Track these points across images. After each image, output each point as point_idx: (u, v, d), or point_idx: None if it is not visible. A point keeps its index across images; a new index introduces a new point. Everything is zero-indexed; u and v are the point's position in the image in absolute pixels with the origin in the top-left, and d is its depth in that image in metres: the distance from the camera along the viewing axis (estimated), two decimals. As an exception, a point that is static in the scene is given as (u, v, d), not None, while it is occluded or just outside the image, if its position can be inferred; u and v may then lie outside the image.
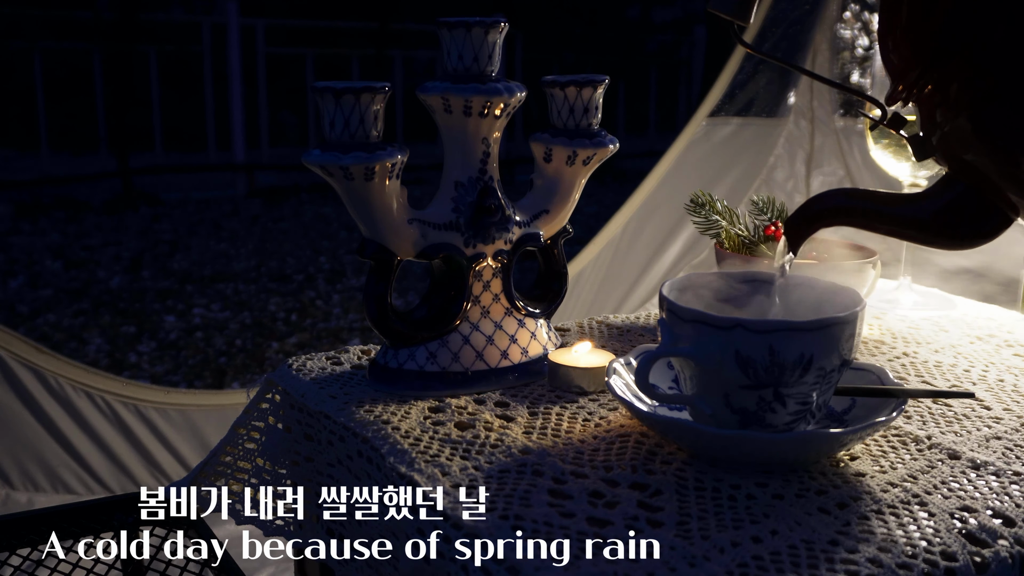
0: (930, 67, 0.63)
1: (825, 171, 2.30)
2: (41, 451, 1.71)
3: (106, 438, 1.74)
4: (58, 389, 1.71)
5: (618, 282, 2.25)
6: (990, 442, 0.63)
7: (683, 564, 0.48)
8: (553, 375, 0.73)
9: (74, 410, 1.72)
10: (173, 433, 1.78)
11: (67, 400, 1.71)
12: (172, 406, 1.78)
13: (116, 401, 1.75)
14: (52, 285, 4.09)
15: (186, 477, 0.83)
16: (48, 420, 1.70)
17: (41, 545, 0.87)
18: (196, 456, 1.80)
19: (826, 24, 2.25)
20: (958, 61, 0.61)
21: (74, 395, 1.72)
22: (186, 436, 1.79)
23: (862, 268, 0.85)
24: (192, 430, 1.80)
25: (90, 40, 7.23)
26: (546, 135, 0.75)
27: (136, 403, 1.76)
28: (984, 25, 0.61)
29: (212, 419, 1.81)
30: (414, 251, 0.70)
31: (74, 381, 1.72)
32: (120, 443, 1.75)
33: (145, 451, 1.77)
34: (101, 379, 1.76)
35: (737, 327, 0.55)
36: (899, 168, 0.99)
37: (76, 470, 1.73)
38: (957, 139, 0.62)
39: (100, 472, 1.75)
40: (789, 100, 2.30)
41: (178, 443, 1.79)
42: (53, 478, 1.72)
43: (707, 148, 2.26)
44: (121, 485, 1.76)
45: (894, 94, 0.66)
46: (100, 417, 1.74)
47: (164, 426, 1.78)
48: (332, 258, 4.76)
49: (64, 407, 1.71)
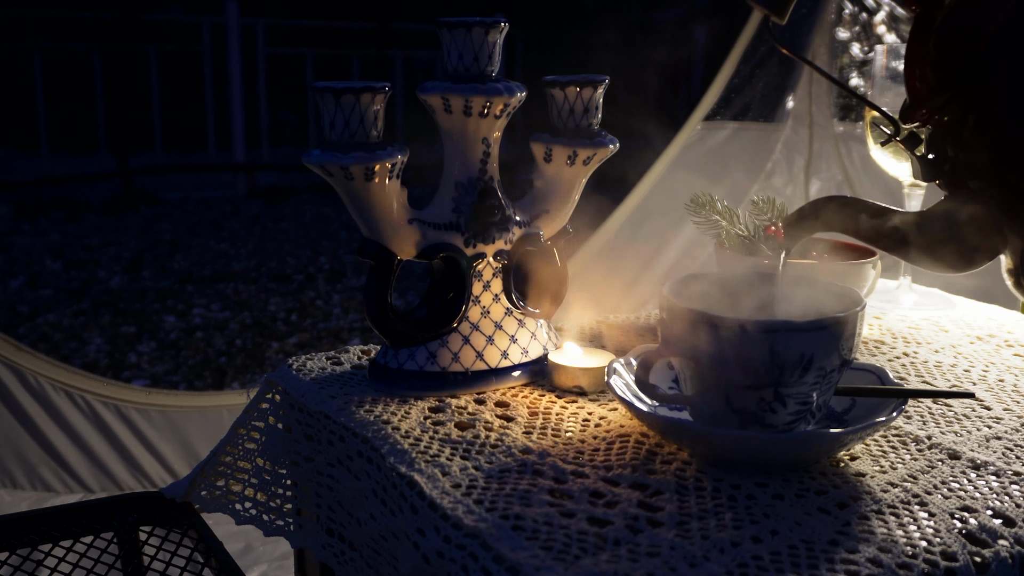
0: (953, 97, 0.63)
1: (824, 176, 2.30)
2: (21, 449, 1.71)
3: (86, 437, 1.74)
4: (37, 388, 1.71)
5: (614, 284, 2.24)
6: (990, 442, 0.64)
7: (683, 564, 0.48)
8: (553, 375, 0.73)
9: (54, 409, 1.72)
10: (154, 434, 1.78)
11: (47, 399, 1.71)
12: (153, 407, 1.78)
13: (96, 401, 1.74)
14: (52, 285, 4.09)
15: (186, 477, 0.84)
16: (27, 418, 1.70)
17: (41, 545, 0.86)
18: (177, 457, 1.80)
19: (824, 27, 2.24)
20: (980, 92, 0.62)
21: (54, 394, 1.72)
22: (167, 437, 1.79)
23: (862, 268, 0.85)
24: (174, 431, 1.79)
25: (90, 40, 7.23)
26: (546, 135, 0.75)
27: (117, 403, 1.76)
28: (1009, 60, 0.62)
29: (194, 420, 1.81)
30: (414, 251, 0.70)
31: (54, 380, 1.72)
32: (100, 443, 1.75)
33: (125, 451, 1.76)
34: (81, 378, 1.76)
35: (737, 327, 0.55)
36: (899, 168, 0.99)
37: (55, 468, 1.73)
38: (967, 167, 0.63)
39: (79, 471, 1.75)
40: (787, 105, 2.30)
41: (159, 444, 1.79)
42: (32, 476, 1.72)
43: (702, 152, 2.26)
44: (101, 484, 1.76)
45: (913, 115, 0.66)
46: (80, 416, 1.74)
47: (145, 427, 1.78)
48: (332, 258, 4.76)
49: (43, 406, 1.71)
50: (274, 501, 0.74)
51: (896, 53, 0.96)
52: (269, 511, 0.75)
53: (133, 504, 0.88)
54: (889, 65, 0.97)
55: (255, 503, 0.76)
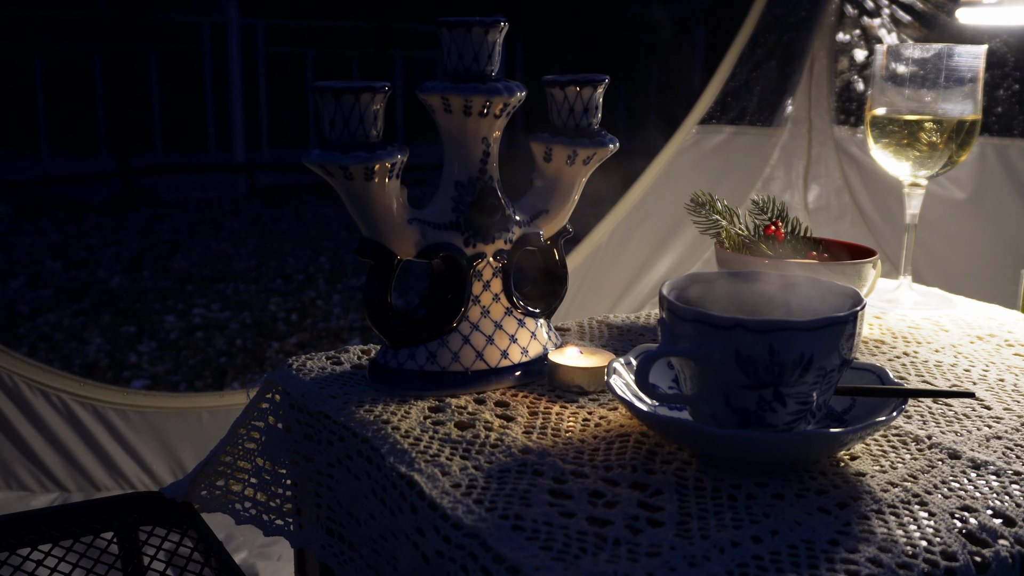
0: None
1: (822, 181, 2.30)
2: None
3: (62, 437, 1.73)
4: (12, 387, 1.70)
5: (609, 285, 2.24)
6: (990, 442, 0.63)
7: (683, 564, 0.48)
8: (553, 375, 0.72)
9: (29, 408, 1.71)
10: (131, 434, 1.77)
11: (22, 397, 1.71)
12: (131, 407, 1.78)
13: (72, 400, 1.74)
14: (52, 285, 4.09)
15: (186, 477, 0.84)
16: (2, 417, 1.69)
17: (41, 545, 0.86)
18: (155, 457, 1.80)
19: (824, 30, 2.24)
20: None
21: (29, 393, 1.71)
22: (146, 438, 1.78)
23: (862, 267, 0.85)
24: (152, 432, 1.79)
25: (90, 40, 7.24)
26: (546, 135, 0.75)
27: (94, 403, 1.75)
28: None
29: (172, 421, 1.80)
30: (414, 251, 0.70)
31: (30, 379, 1.71)
32: (76, 442, 1.74)
33: (102, 451, 1.76)
34: (57, 378, 1.75)
35: (737, 327, 0.55)
36: (899, 168, 0.99)
37: (31, 468, 1.73)
38: None
39: (55, 471, 1.74)
40: (786, 109, 2.29)
41: (136, 444, 1.78)
42: (7, 474, 1.72)
43: (697, 156, 2.25)
44: (77, 484, 1.76)
45: None
46: (56, 416, 1.73)
47: (123, 427, 1.77)
48: (332, 258, 4.76)
49: (18, 405, 1.70)
50: (274, 501, 0.74)
51: (896, 54, 0.96)
52: (269, 511, 0.75)
53: (133, 504, 0.88)
54: (889, 66, 0.97)
55: (255, 503, 0.76)
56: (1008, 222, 1.95)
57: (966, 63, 0.95)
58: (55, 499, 1.73)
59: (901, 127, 0.96)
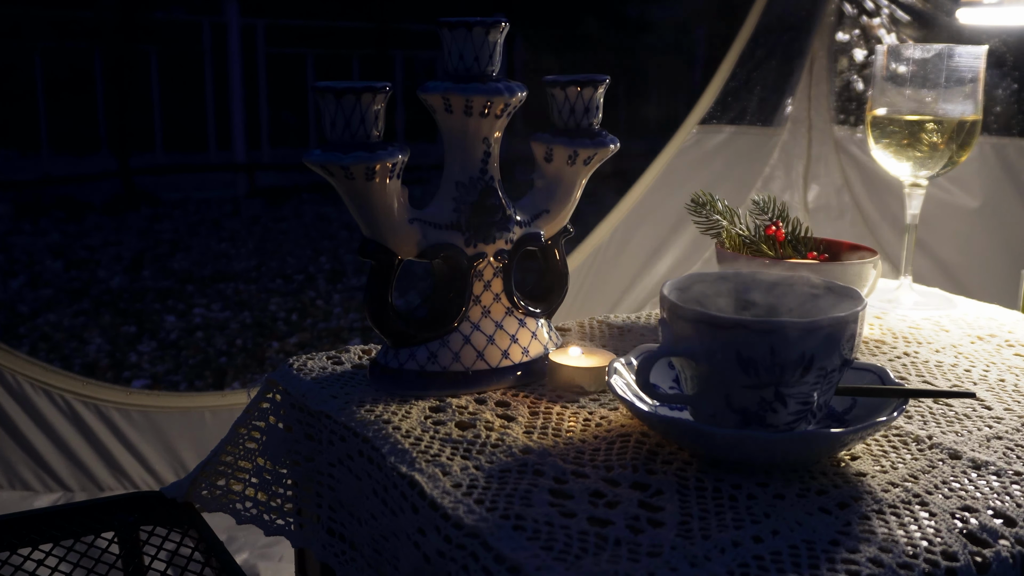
0: None
1: (823, 181, 2.30)
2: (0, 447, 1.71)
3: (65, 437, 1.73)
4: (15, 386, 1.70)
5: (610, 285, 2.24)
6: (991, 442, 0.64)
7: (684, 564, 0.48)
8: (554, 375, 0.73)
9: (32, 408, 1.71)
10: (134, 434, 1.77)
11: (25, 397, 1.70)
12: (134, 407, 1.77)
13: (76, 400, 1.74)
14: (52, 285, 4.09)
15: (187, 476, 0.84)
16: (5, 417, 1.69)
17: (42, 545, 0.86)
18: (157, 457, 1.80)
19: (824, 29, 2.24)
20: None
21: (32, 393, 1.71)
22: (148, 438, 1.78)
23: (862, 268, 0.85)
24: (155, 431, 1.79)
25: (91, 40, 7.23)
26: (547, 135, 0.75)
27: (97, 403, 1.75)
28: None
29: (175, 420, 1.80)
30: (415, 251, 0.70)
31: (33, 379, 1.71)
32: (79, 442, 1.74)
33: (105, 451, 1.76)
34: (60, 378, 1.75)
35: (738, 327, 0.55)
36: (899, 168, 0.99)
37: (34, 468, 1.73)
38: None
39: (59, 470, 1.74)
40: (786, 109, 2.29)
41: (139, 444, 1.78)
42: (11, 474, 1.72)
43: (697, 156, 2.25)
44: (80, 484, 1.76)
45: None
46: (59, 415, 1.73)
47: (126, 427, 1.77)
48: (333, 258, 4.76)
49: (22, 404, 1.70)
50: (275, 501, 0.74)
51: (897, 54, 0.96)
52: (270, 511, 0.75)
53: (134, 504, 0.88)
54: (889, 66, 0.97)
55: (256, 503, 0.76)
56: (1007, 222, 1.95)
57: (967, 63, 0.95)
58: (58, 499, 1.73)
59: (902, 127, 0.96)
